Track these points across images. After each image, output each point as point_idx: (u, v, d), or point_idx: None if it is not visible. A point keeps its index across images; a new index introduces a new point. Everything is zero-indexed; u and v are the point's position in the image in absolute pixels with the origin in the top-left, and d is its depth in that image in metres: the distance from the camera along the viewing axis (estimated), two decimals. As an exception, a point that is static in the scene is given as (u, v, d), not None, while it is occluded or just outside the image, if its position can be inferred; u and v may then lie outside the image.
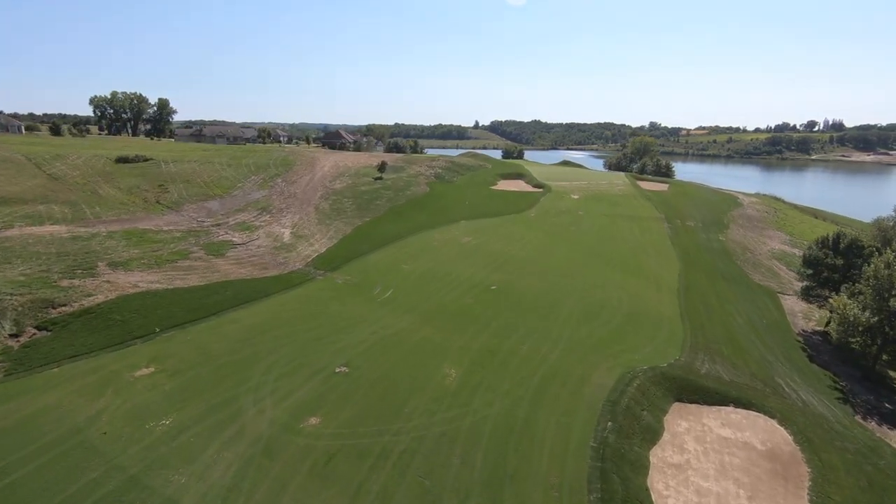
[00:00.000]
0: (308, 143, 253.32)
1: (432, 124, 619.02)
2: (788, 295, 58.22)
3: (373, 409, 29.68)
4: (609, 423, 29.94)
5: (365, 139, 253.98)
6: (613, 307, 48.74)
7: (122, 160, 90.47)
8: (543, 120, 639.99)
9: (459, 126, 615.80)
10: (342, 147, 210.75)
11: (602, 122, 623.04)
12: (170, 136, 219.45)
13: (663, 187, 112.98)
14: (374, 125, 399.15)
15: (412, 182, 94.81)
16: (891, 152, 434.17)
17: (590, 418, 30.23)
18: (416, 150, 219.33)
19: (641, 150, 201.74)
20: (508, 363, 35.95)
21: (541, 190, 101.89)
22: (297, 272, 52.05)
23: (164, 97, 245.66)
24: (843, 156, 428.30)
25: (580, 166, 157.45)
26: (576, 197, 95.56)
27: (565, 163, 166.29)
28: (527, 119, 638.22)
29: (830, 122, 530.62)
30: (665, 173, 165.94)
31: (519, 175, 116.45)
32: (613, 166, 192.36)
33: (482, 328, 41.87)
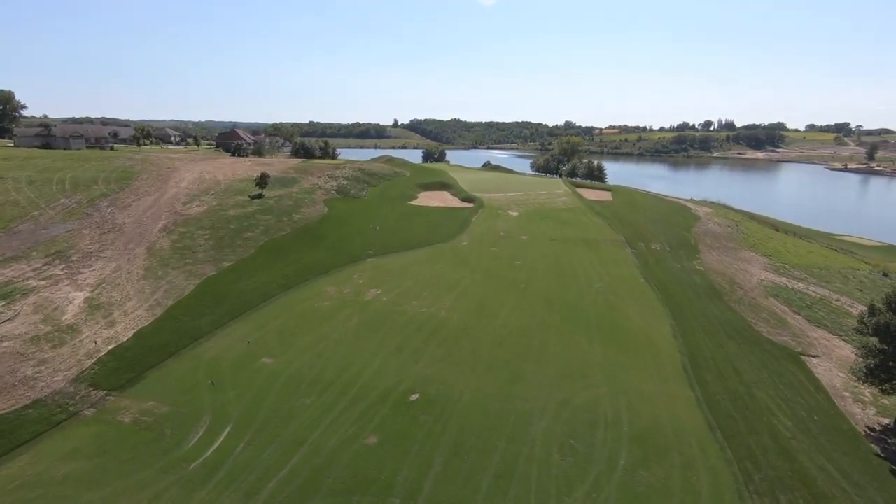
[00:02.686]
0: (198, 144, 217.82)
1: (350, 123, 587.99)
2: (812, 356, 43.15)
3: None
4: None
5: (268, 140, 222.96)
6: (610, 424, 29.92)
7: None
8: (463, 118, 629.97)
9: (378, 125, 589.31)
10: (238, 150, 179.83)
11: (520, 120, 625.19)
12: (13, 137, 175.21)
13: (607, 196, 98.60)
14: (281, 124, 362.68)
15: (305, 200, 71.43)
16: (777, 149, 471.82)
17: None
18: (326, 151, 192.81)
19: (569, 151, 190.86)
20: None
21: (471, 205, 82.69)
22: (45, 402, 27.86)
23: (6, 89, 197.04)
24: (739, 153, 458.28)
25: (509, 171, 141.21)
26: (515, 214, 77.32)
27: (493, 167, 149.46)
28: (446, 118, 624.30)
29: (724, 122, 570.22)
30: (598, 176, 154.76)
31: (443, 185, 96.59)
32: (542, 168, 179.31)
33: (393, 531, 20.96)
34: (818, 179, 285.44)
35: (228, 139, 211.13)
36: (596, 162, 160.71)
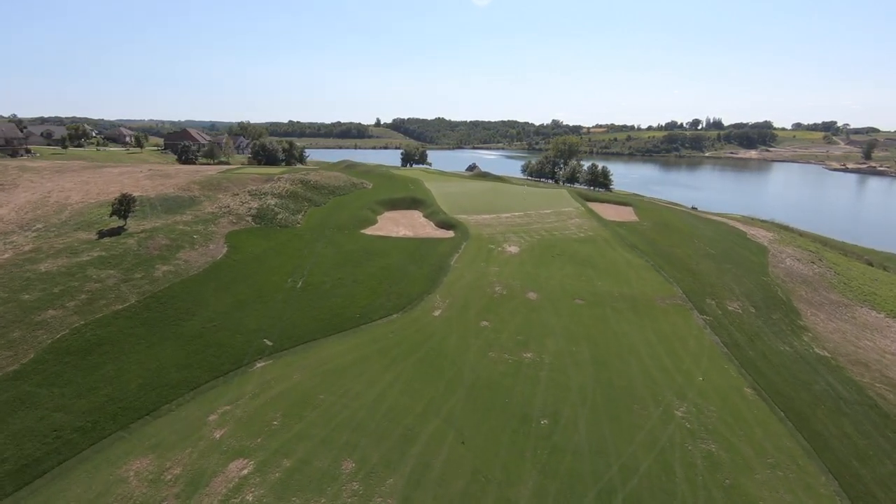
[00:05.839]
0: (140, 146, 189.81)
1: (330, 122, 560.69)
2: None
3: None
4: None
5: (224, 140, 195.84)
6: None
7: None
8: (447, 118, 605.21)
9: (360, 124, 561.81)
10: (185, 152, 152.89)
11: (506, 119, 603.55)
12: None
13: (629, 213, 75.13)
14: (248, 123, 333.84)
15: (192, 236, 46.22)
16: (770, 149, 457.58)
17: None
18: (292, 153, 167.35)
19: (565, 153, 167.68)
20: None
21: (451, 234, 58.35)
22: None
23: None
24: (732, 153, 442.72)
25: (500, 178, 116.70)
26: (514, 250, 53.05)
27: (480, 174, 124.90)
28: (430, 117, 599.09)
29: (712, 121, 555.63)
30: (603, 182, 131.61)
31: (414, 202, 72.03)
32: (535, 172, 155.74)
33: None
34: (824, 181, 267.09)
35: (178, 139, 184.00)
36: (600, 165, 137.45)
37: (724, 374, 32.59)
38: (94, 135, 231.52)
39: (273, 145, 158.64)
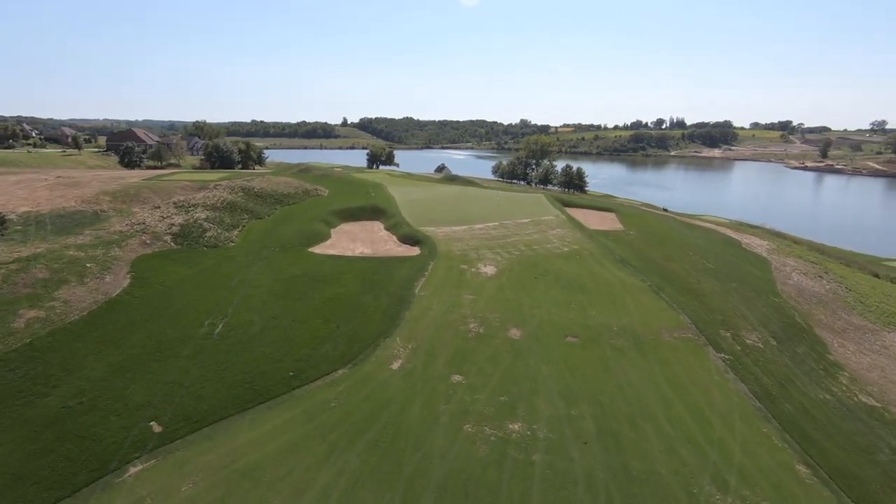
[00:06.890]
0: (79, 147, 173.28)
1: (295, 122, 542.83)
2: None
3: None
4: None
5: (175, 141, 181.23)
6: None
7: None
8: (416, 117, 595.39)
9: (326, 124, 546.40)
10: (129, 154, 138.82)
11: (474, 119, 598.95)
12: None
13: (612, 220, 68.50)
14: (203, 123, 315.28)
15: (84, 265, 36.28)
16: (732, 148, 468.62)
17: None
18: (248, 154, 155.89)
19: (538, 153, 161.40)
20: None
21: (416, 251, 49.86)
22: None
23: None
24: (696, 152, 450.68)
25: (472, 182, 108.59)
26: (490, 271, 45.01)
27: (449, 177, 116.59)
28: (398, 116, 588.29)
29: (675, 120, 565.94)
30: (578, 185, 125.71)
31: (375, 212, 63.12)
32: (507, 174, 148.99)
33: None
34: (787, 179, 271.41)
35: (122, 140, 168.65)
36: (575, 167, 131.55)
37: (765, 444, 25.34)
38: (33, 135, 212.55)
39: (228, 146, 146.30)
